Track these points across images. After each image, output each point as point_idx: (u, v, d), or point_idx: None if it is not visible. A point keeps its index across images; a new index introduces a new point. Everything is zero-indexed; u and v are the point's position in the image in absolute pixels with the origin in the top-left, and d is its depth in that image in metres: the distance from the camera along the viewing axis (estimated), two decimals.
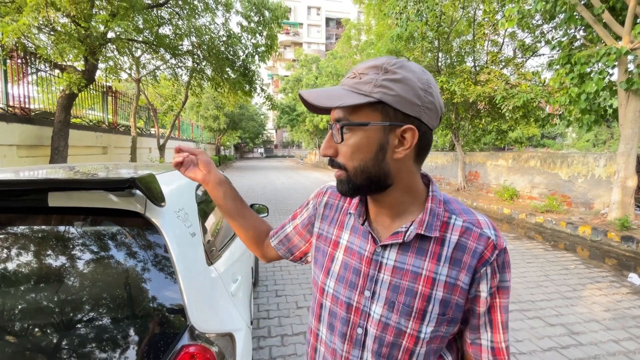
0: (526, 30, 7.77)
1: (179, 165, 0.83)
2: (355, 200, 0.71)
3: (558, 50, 6.17)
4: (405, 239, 0.61)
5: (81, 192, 1.02)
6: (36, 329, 0.98)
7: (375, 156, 0.58)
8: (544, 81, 6.85)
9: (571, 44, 6.13)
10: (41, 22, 4.20)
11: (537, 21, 7.54)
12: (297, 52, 27.65)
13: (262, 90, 9.12)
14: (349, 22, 14.58)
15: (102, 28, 4.83)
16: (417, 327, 0.61)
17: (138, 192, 1.06)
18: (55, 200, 1.02)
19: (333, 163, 0.62)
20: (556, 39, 6.68)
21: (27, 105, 5.08)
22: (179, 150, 0.83)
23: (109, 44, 5.89)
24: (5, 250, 1.02)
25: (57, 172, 1.32)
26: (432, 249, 0.61)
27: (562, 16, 5.81)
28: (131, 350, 0.97)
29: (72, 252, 1.06)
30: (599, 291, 3.56)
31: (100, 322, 0.99)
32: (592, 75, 5.26)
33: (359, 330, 0.65)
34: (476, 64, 8.94)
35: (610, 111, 5.78)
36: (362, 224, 0.67)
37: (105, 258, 1.07)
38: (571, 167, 6.62)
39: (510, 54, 8.96)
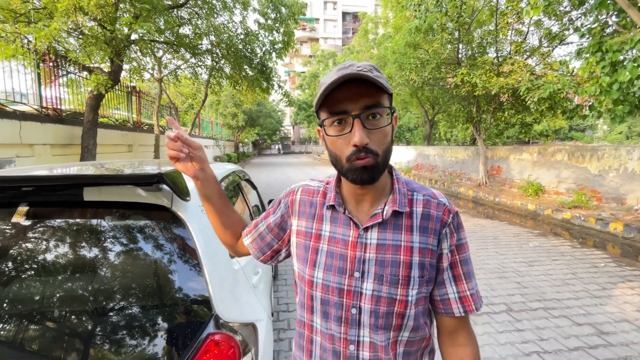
0: (553, 18, 7.41)
1: (173, 159, 0.77)
2: (331, 193, 0.76)
3: (588, 38, 5.85)
4: (384, 217, 0.69)
5: (113, 187, 1.08)
6: (73, 316, 1.05)
7: (392, 140, 0.68)
8: (572, 71, 6.53)
9: (602, 31, 5.80)
10: (70, 27, 4.39)
11: (565, 7, 7.18)
12: (313, 47, 27.61)
13: (280, 87, 9.18)
14: (365, 16, 14.39)
15: (126, 30, 5.00)
16: (405, 292, 0.68)
17: (165, 186, 1.11)
18: (90, 194, 1.08)
19: (365, 150, 0.62)
20: (586, 25, 6.34)
21: (59, 106, 5.34)
22: (175, 140, 0.73)
23: (133, 45, 6.09)
24: (44, 242, 1.09)
25: (90, 169, 1.39)
26: (404, 223, 0.70)
27: (592, 1, 5.50)
28: (160, 338, 1.02)
29: (105, 244, 1.12)
30: (632, 290, 3.40)
31: (131, 311, 1.05)
32: (625, 63, 4.97)
33: (353, 311, 0.70)
34: (499, 55, 8.62)
35: None
36: (344, 213, 0.72)
37: (135, 250, 1.13)
38: (602, 160, 6.31)
39: (536, 43, 8.58)
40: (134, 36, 6.02)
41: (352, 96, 0.62)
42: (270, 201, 3.04)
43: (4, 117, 3.92)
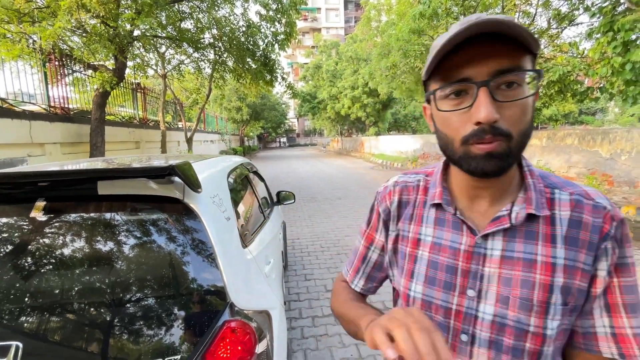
0: None
1: None
2: (435, 189, 0.61)
3: (599, 18, 5.68)
4: (512, 222, 0.52)
5: (126, 180, 1.10)
6: (91, 308, 1.09)
7: (532, 117, 0.50)
8: (582, 52, 6.35)
9: (614, 9, 5.62)
10: (74, 25, 4.41)
11: None
12: (316, 38, 27.28)
13: (283, 79, 9.13)
14: (368, 3, 14.15)
15: (128, 27, 5.00)
16: (542, 323, 0.51)
17: (177, 179, 1.13)
18: (104, 188, 1.10)
19: (493, 131, 0.46)
20: (597, 4, 6.15)
21: (66, 105, 5.40)
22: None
23: (136, 41, 6.10)
24: (62, 236, 1.12)
25: (102, 164, 1.42)
26: (542, 231, 0.53)
27: None
28: (177, 327, 1.05)
29: (120, 237, 1.15)
30: None
31: (148, 302, 1.08)
32: (638, 43, 4.82)
33: (464, 337, 0.56)
34: None
35: None
36: (455, 214, 0.58)
37: (149, 242, 1.15)
38: (613, 143, 6.19)
39: (544, 25, 8.34)
40: (136, 32, 6.02)
41: (478, 57, 0.46)
42: (279, 193, 3.05)
43: (14, 118, 3.98)
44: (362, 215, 6.05)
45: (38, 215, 1.07)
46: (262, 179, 2.78)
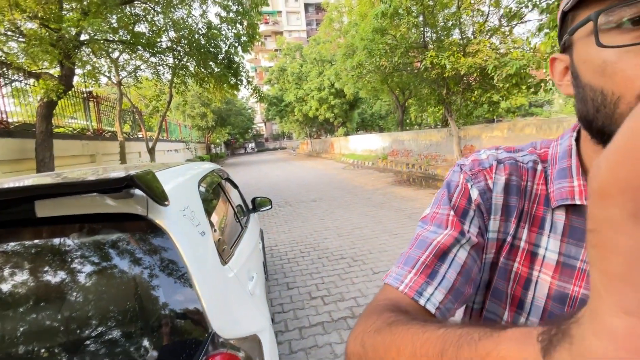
0: None
1: None
2: (569, 180, 0.42)
3: (547, 15, 6.05)
4: None
5: (73, 197, 0.90)
6: (42, 352, 0.88)
7: None
8: (535, 47, 6.75)
9: (559, 5, 6.02)
10: (7, 27, 3.93)
11: None
12: (278, 41, 27.07)
13: (249, 82, 8.87)
14: (329, 4, 14.23)
15: (74, 30, 4.56)
16: None
17: (137, 192, 0.95)
18: (44, 209, 0.90)
19: None
20: (544, 1, 6.56)
21: (4, 119, 4.83)
22: None
23: (84, 46, 5.61)
24: None
25: (44, 179, 1.19)
26: None
27: None
28: None
29: (72, 266, 0.94)
30: None
31: (112, 338, 0.89)
32: None
33: None
34: (463, 36, 8.78)
35: None
36: None
37: (109, 268, 0.96)
38: None
39: (497, 23, 8.81)
40: (84, 36, 5.54)
41: None
42: (254, 200, 2.87)
43: None
44: (338, 216, 5.97)
45: None
46: (235, 186, 2.60)
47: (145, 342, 0.90)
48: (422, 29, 8.83)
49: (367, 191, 8.32)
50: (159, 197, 0.93)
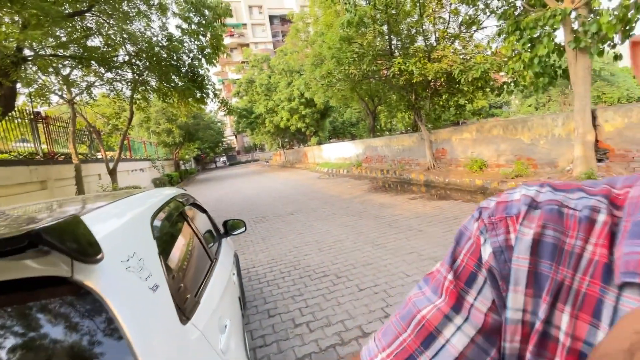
0: (470, 5, 7.93)
1: None
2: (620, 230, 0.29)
3: (504, 21, 6.30)
4: None
5: None
6: None
7: None
8: (496, 51, 7.01)
9: (514, 11, 6.29)
10: None
11: None
12: (245, 52, 26.81)
13: (215, 95, 8.56)
14: (294, 15, 14.25)
15: (12, 44, 4.10)
16: None
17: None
18: None
19: None
20: (500, 8, 6.84)
21: None
22: None
23: (28, 62, 5.10)
24: None
25: None
26: None
27: None
28: None
29: None
30: None
31: None
32: (541, 39, 5.39)
33: None
34: (427, 43, 9.01)
35: (560, 72, 6.01)
36: None
37: (21, 350, 0.69)
38: (532, 130, 6.85)
39: (457, 30, 9.14)
40: (28, 52, 5.04)
41: None
42: (226, 223, 2.60)
43: None
44: (318, 229, 5.77)
45: None
46: (203, 211, 2.32)
47: None
48: (387, 36, 8.97)
49: (345, 200, 8.19)
50: (85, 252, 0.69)
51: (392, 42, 9.22)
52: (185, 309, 0.99)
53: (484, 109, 31.89)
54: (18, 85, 5.56)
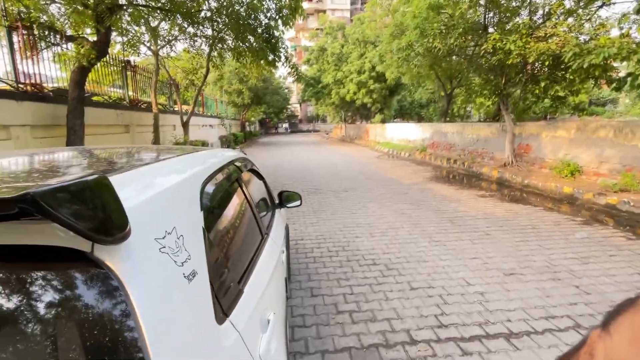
0: None
1: None
2: None
3: None
4: None
5: None
6: None
7: None
8: (627, 33, 5.60)
9: None
10: None
11: None
12: (321, 19, 26.06)
13: (287, 59, 8.38)
14: None
15: None
16: None
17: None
18: None
19: None
20: None
21: (40, 82, 4.75)
22: None
23: (122, 11, 5.38)
24: None
25: None
26: None
27: None
28: None
29: None
30: None
31: None
32: None
33: None
34: (532, 18, 7.62)
35: None
36: None
37: (21, 332, 0.56)
38: None
39: (574, 4, 7.52)
40: (122, 0, 5.30)
41: None
42: (281, 194, 2.47)
43: None
44: (371, 212, 5.48)
45: None
46: (261, 178, 2.18)
47: None
48: (483, 8, 7.77)
49: (403, 185, 7.70)
50: (101, 229, 0.51)
51: (488, 15, 7.99)
52: (224, 302, 0.82)
53: (582, 104, 27.38)
54: (113, 35, 5.98)
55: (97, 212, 0.51)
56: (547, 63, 6.32)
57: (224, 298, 0.82)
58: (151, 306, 0.58)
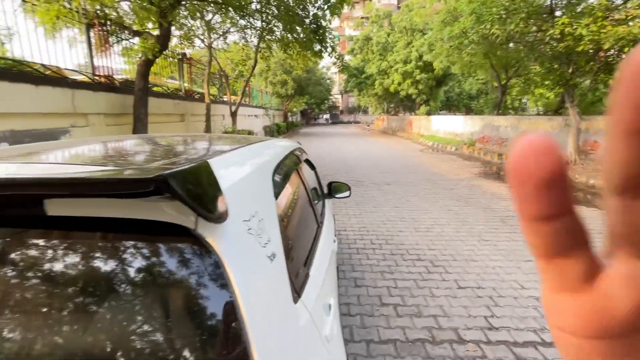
0: None
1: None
2: None
3: None
4: None
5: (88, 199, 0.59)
6: None
7: None
8: None
9: None
10: None
11: None
12: (367, 7, 25.45)
13: (333, 49, 8.35)
14: None
15: None
16: None
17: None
18: (57, 207, 0.61)
19: None
20: None
21: (111, 74, 5.23)
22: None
23: (180, 6, 5.71)
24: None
25: (59, 169, 0.93)
26: None
27: None
28: None
29: (85, 286, 0.65)
30: None
31: None
32: None
33: None
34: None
35: None
36: None
37: (126, 299, 0.64)
38: None
39: None
40: None
41: None
42: (330, 184, 2.50)
43: (56, 85, 3.80)
44: (415, 207, 5.35)
45: None
46: (313, 168, 2.23)
47: None
48: None
49: (449, 181, 7.39)
50: (212, 209, 0.57)
51: None
52: (297, 284, 0.87)
53: None
54: (172, 29, 6.38)
55: (208, 193, 0.57)
56: (626, 49, 5.60)
57: (296, 280, 0.88)
58: (245, 280, 0.64)
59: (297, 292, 0.85)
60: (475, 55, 9.56)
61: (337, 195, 2.50)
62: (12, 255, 0.64)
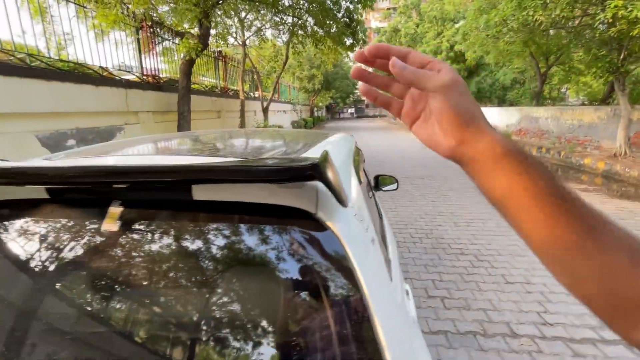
0: None
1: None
2: None
3: None
4: None
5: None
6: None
7: None
8: None
9: None
10: None
11: None
12: None
13: (364, 42, 8.29)
14: None
15: None
16: None
17: (308, 183, 0.69)
18: (201, 191, 0.70)
19: None
20: None
21: (158, 74, 5.52)
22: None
23: (218, 6, 5.90)
24: (139, 259, 0.75)
25: (199, 150, 1.04)
26: None
27: None
28: None
29: (218, 264, 0.74)
30: None
31: None
32: None
33: None
34: None
35: None
36: None
37: (261, 271, 0.73)
38: None
39: None
40: None
41: None
42: (377, 177, 2.54)
43: (112, 86, 4.08)
44: (453, 201, 5.26)
45: (112, 226, 0.72)
46: (363, 161, 2.28)
47: None
48: None
49: None
50: (341, 193, 0.64)
51: None
52: (387, 265, 0.93)
53: None
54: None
55: (338, 180, 0.64)
56: None
57: (388, 264, 0.94)
58: (362, 260, 0.70)
59: (389, 274, 0.91)
60: (513, 44, 9.13)
61: (383, 188, 2.53)
62: (162, 234, 0.75)
